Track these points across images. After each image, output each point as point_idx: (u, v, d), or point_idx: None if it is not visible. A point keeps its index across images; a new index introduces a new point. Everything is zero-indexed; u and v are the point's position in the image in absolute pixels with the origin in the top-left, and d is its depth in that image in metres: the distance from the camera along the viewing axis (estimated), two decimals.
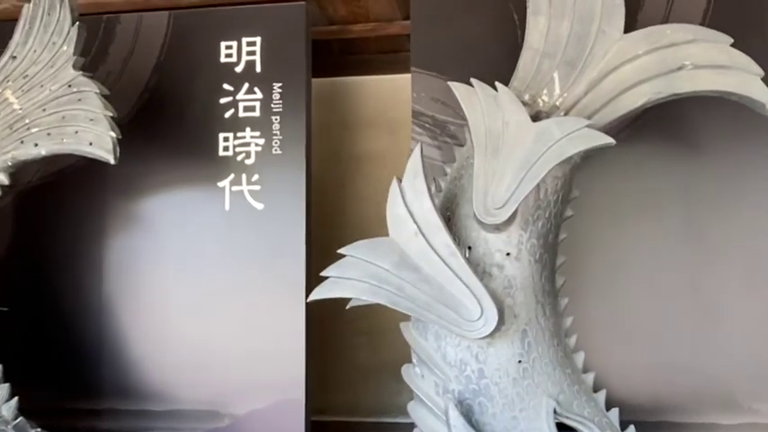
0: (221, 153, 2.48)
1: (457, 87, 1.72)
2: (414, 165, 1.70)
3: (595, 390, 1.84)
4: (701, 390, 2.17)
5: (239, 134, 2.47)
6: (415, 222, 1.67)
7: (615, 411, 1.81)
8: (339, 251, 1.73)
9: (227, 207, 2.47)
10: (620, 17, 1.86)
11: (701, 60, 1.80)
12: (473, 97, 1.71)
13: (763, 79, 1.79)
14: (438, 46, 2.39)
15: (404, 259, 1.68)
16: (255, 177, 2.45)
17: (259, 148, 2.46)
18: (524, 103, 1.84)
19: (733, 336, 2.16)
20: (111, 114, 2.03)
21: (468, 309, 1.63)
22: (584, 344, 2.17)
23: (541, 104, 1.84)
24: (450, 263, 1.65)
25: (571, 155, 1.66)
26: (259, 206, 2.45)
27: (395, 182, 1.71)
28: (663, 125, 2.22)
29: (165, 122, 2.54)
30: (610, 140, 1.66)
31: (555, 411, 1.68)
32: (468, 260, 1.75)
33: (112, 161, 2.02)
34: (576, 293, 2.21)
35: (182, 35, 2.55)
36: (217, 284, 2.45)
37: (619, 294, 2.23)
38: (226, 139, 2.48)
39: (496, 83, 1.72)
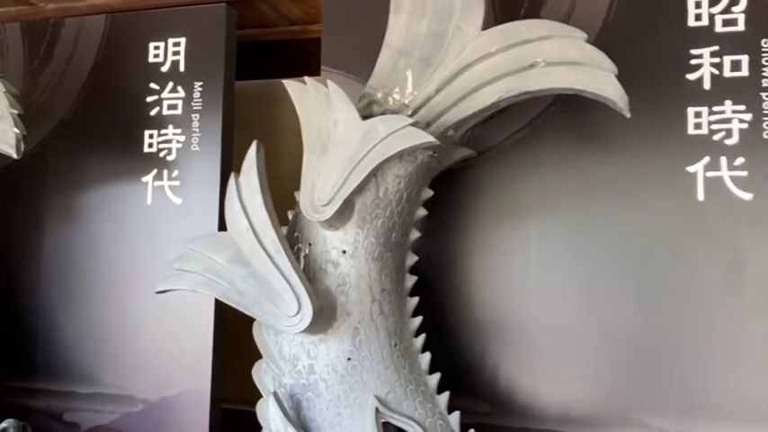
0: (146, 149, 2.60)
1: (290, 85, 1.75)
2: (249, 161, 1.74)
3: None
4: (591, 401, 2.08)
5: (162, 131, 2.58)
6: (247, 218, 1.71)
7: (456, 414, 1.79)
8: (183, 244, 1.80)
9: (149, 201, 2.58)
10: (479, 14, 1.82)
11: (553, 57, 1.74)
12: (305, 95, 1.73)
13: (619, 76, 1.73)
14: (348, 46, 2.41)
15: (237, 254, 1.72)
16: (175, 173, 2.55)
17: (180, 145, 2.56)
18: (375, 102, 1.84)
19: (624, 346, 2.06)
20: (17, 112, 2.18)
21: (287, 304, 1.65)
22: (476, 346, 2.20)
23: (391, 103, 1.83)
24: (275, 258, 1.68)
25: (395, 152, 1.65)
26: (177, 201, 2.54)
27: (233, 177, 1.76)
28: (563, 123, 2.15)
29: (101, 120, 2.68)
30: (431, 139, 1.64)
31: (378, 410, 1.67)
32: (307, 257, 1.77)
33: (15, 155, 2.17)
34: (471, 295, 2.23)
35: (116, 37, 2.69)
36: (140, 275, 2.57)
37: (510, 296, 2.18)
38: (151, 136, 2.59)
39: (328, 81, 1.73)
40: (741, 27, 2.01)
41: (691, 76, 2.04)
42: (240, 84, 2.70)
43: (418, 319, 1.84)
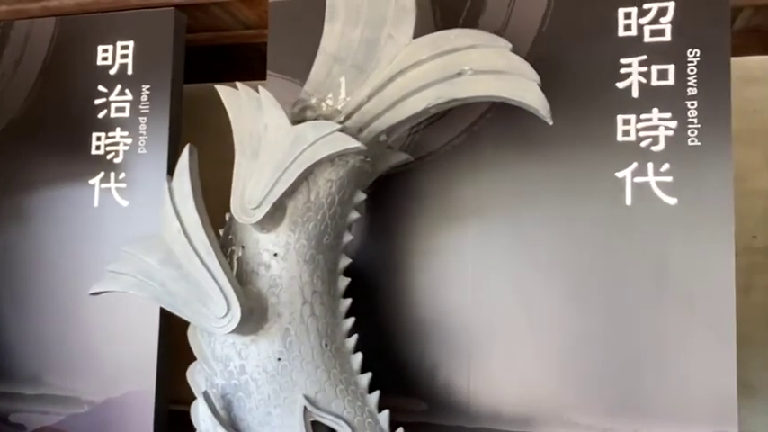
0: (93, 152, 2.60)
1: (221, 90, 1.78)
2: (181, 164, 1.76)
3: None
4: (524, 400, 2.14)
5: (110, 134, 2.59)
6: (179, 220, 1.73)
7: (386, 413, 1.83)
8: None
9: (96, 203, 2.59)
10: (410, 23, 1.87)
11: (480, 66, 1.80)
12: (237, 100, 1.76)
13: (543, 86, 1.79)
14: (293, 51, 2.44)
15: (169, 256, 1.75)
16: (122, 176, 2.57)
17: (127, 148, 2.57)
18: (309, 107, 1.88)
19: (555, 349, 2.12)
20: None
21: (216, 305, 1.68)
22: (415, 346, 2.24)
23: (324, 108, 1.87)
24: (206, 261, 1.70)
25: (323, 157, 1.69)
26: (124, 203, 2.56)
27: (166, 180, 1.78)
28: (499, 129, 2.21)
29: (49, 122, 2.68)
30: (358, 145, 1.68)
31: (307, 409, 1.71)
32: (240, 259, 1.80)
33: None
34: (411, 297, 2.28)
35: (65, 40, 2.69)
36: (86, 277, 2.57)
37: (448, 298, 2.23)
38: (98, 139, 2.60)
39: (259, 86, 1.77)
40: (668, 37, 2.08)
41: (620, 85, 2.11)
42: (192, 87, 2.72)
43: (351, 320, 1.88)
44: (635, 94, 2.09)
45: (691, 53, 2.05)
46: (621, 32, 2.12)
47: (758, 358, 3.03)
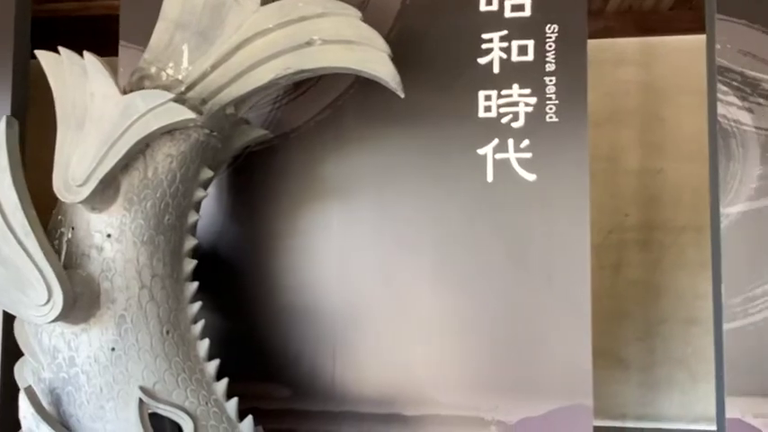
0: None
1: (41, 55, 1.62)
2: None
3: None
4: (389, 381, 2.10)
5: None
6: None
7: (234, 401, 1.73)
8: None
9: None
10: None
11: (329, 35, 1.71)
12: (59, 66, 1.61)
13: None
14: (148, 20, 2.27)
15: None
16: None
17: None
18: (148, 77, 1.74)
19: (420, 329, 2.09)
20: None
21: (37, 292, 1.53)
22: (279, 331, 2.16)
23: (165, 78, 1.74)
24: (24, 243, 1.55)
25: (154, 130, 1.57)
26: None
27: None
28: (363, 105, 2.14)
29: None
30: (192, 116, 1.57)
31: (143, 401, 1.59)
32: (70, 242, 1.66)
33: None
34: (275, 280, 2.19)
35: None
36: None
37: (313, 281, 2.15)
38: None
39: (85, 52, 1.62)
40: (528, 13, 2.07)
41: (482, 60, 2.09)
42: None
43: (197, 305, 1.77)
44: (496, 69, 2.07)
45: (549, 29, 2.05)
46: (483, 6, 2.09)
47: (631, 333, 3.14)
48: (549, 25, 2.05)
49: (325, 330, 2.13)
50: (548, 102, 2.04)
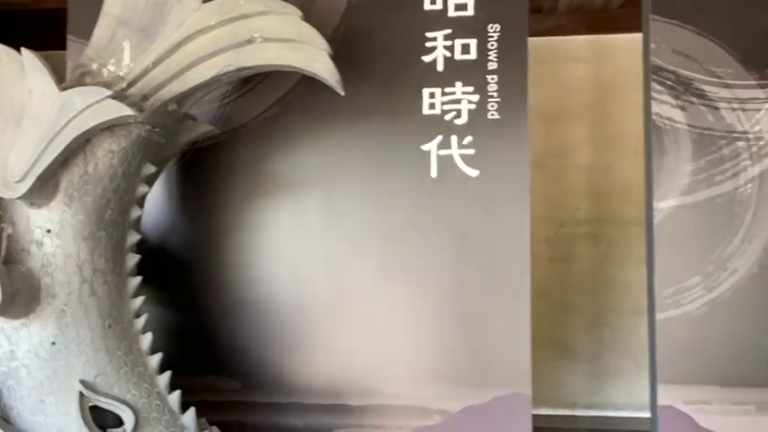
0: None
1: None
2: None
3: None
4: (336, 373, 2.14)
5: None
6: None
7: (176, 394, 1.76)
8: None
9: None
10: None
11: (269, 33, 1.74)
12: None
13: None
14: (95, 15, 2.27)
15: None
16: None
17: None
18: (89, 73, 1.75)
19: (366, 321, 2.13)
20: None
21: None
22: (228, 324, 2.18)
23: (106, 75, 1.75)
24: None
25: (92, 126, 1.58)
26: None
27: None
28: (310, 101, 2.16)
29: None
30: (130, 113, 1.59)
31: (83, 395, 1.61)
32: (10, 237, 1.66)
33: None
34: (225, 274, 2.21)
35: None
36: None
37: (262, 275, 2.18)
38: None
39: (23, 49, 1.63)
40: (471, 12, 2.12)
41: (426, 58, 2.13)
42: None
43: (140, 299, 1.79)
44: (440, 67, 2.12)
45: (491, 28, 2.10)
46: (428, 5, 2.13)
47: (581, 324, 3.23)
48: (491, 24, 2.10)
49: (274, 324, 2.17)
50: (490, 99, 2.09)
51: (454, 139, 2.10)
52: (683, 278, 1.99)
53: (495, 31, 2.09)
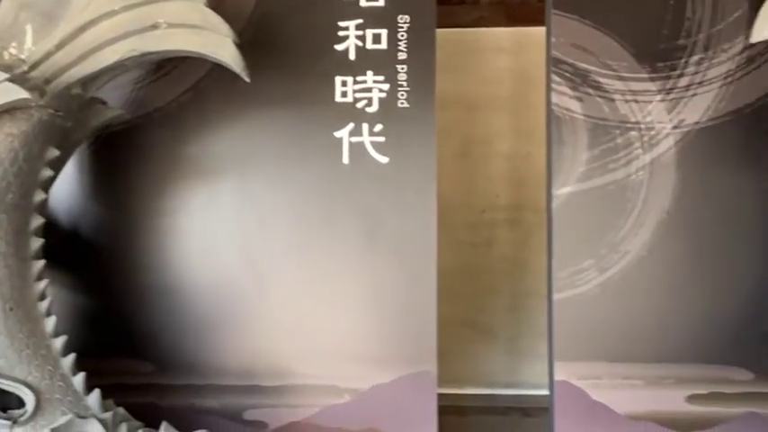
0: None
1: None
2: None
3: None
4: (250, 355, 2.18)
5: None
6: None
7: (81, 376, 1.78)
8: None
9: None
10: None
11: (175, 19, 1.76)
12: None
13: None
14: None
15: None
16: None
17: None
18: None
19: (279, 304, 2.18)
20: None
21: None
22: (143, 308, 2.20)
23: (7, 57, 1.74)
24: None
25: None
26: None
27: None
28: (224, 87, 2.18)
29: None
30: (26, 96, 1.60)
31: None
32: None
33: None
34: (138, 258, 2.22)
35: None
36: None
37: (175, 259, 2.21)
38: None
39: None
40: (382, 3, 2.17)
41: (339, 47, 2.18)
42: None
43: (44, 283, 1.80)
44: (352, 56, 2.17)
45: (401, 19, 2.16)
46: None
47: (500, 306, 3.35)
48: (401, 15, 2.16)
49: (188, 307, 2.20)
50: (399, 88, 2.15)
51: (365, 126, 2.16)
52: (578, 260, 2.10)
53: (404, 22, 2.16)
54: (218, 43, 1.76)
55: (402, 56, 2.16)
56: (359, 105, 2.16)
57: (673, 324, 2.08)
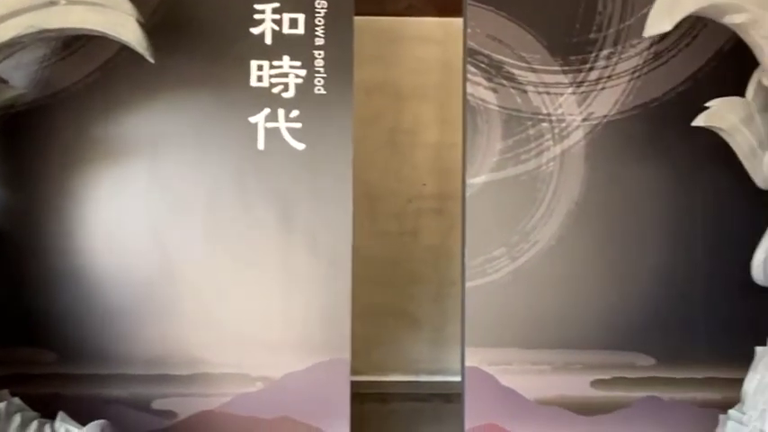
0: None
1: None
2: None
3: None
4: (159, 343, 2.14)
5: None
6: None
7: None
8: None
9: None
10: None
11: None
12: None
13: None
14: None
15: None
16: None
17: None
18: None
19: (190, 291, 2.14)
20: None
21: None
22: (46, 295, 2.12)
23: None
24: None
25: None
26: None
27: None
28: (134, 68, 2.09)
29: None
30: None
31: None
32: None
33: None
34: (44, 243, 2.14)
35: None
36: None
37: (81, 244, 2.13)
38: None
39: None
40: None
41: (255, 31, 2.14)
42: None
43: None
44: (268, 40, 2.14)
45: (318, 4, 2.14)
46: None
47: (425, 295, 3.37)
48: (318, 0, 2.14)
49: (95, 294, 2.13)
50: (316, 74, 2.14)
51: (281, 112, 2.13)
52: (490, 249, 2.14)
53: (322, 8, 2.14)
54: (120, 22, 1.71)
55: (319, 41, 2.14)
56: (275, 90, 2.13)
57: (580, 312, 2.14)
